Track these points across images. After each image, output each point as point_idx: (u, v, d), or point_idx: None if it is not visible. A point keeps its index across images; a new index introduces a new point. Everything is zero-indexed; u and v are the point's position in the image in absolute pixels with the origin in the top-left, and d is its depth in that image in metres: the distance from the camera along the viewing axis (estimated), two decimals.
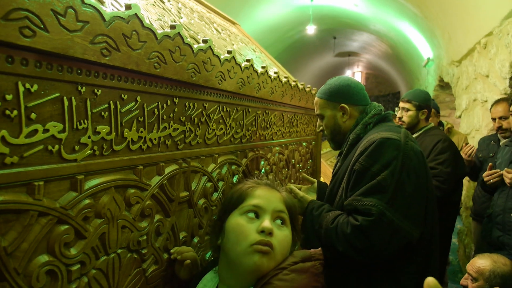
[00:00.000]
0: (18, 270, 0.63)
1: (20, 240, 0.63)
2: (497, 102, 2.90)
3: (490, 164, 2.51)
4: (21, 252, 0.63)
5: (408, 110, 2.75)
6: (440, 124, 3.38)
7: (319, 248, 0.95)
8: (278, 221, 0.93)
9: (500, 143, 2.89)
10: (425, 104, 2.72)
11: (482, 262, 1.82)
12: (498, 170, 2.41)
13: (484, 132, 3.64)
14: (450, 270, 4.03)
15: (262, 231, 0.88)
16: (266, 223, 0.89)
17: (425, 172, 1.37)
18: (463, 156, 2.88)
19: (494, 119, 2.87)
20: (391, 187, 1.25)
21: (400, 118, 2.79)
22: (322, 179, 2.80)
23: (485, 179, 2.47)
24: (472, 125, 4.20)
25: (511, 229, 2.25)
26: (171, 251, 1.05)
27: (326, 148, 4.78)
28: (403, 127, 1.53)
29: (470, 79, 4.19)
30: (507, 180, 2.26)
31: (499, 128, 2.84)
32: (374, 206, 1.23)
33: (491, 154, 2.92)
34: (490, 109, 2.93)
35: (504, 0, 2.95)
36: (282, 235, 0.91)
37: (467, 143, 3.34)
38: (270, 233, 0.87)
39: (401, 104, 2.81)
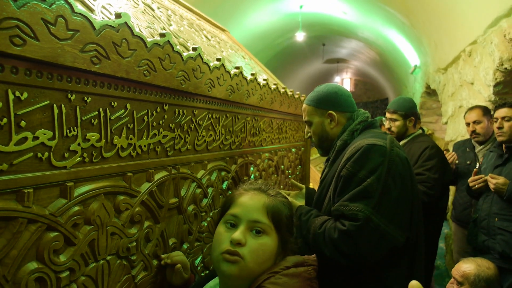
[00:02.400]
0: (7, 277, 0.63)
1: (9, 247, 0.63)
2: (470, 109, 3.05)
3: (475, 169, 2.56)
4: (10, 259, 0.64)
5: (395, 120, 2.80)
6: (421, 130, 3.44)
7: (314, 255, 0.97)
8: (255, 231, 0.91)
9: (476, 150, 2.97)
10: (411, 112, 2.77)
11: (467, 266, 1.85)
12: (483, 175, 2.46)
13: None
14: (438, 274, 4.08)
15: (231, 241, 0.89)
16: (236, 233, 0.89)
17: (410, 178, 1.40)
18: None
19: (468, 124, 2.99)
20: (377, 193, 1.27)
21: (389, 129, 2.84)
22: (311, 185, 2.82)
23: (470, 184, 2.52)
24: (458, 131, 4.27)
25: (495, 233, 2.30)
26: (162, 256, 1.06)
27: (315, 154, 4.81)
28: (389, 134, 1.55)
29: (456, 86, 4.27)
30: (491, 186, 2.30)
31: (473, 132, 2.95)
32: (361, 211, 1.25)
33: (468, 162, 3.01)
34: (464, 115, 3.05)
35: (488, 10, 3.03)
36: (256, 244, 0.89)
37: (447, 150, 3.41)
38: (239, 243, 0.87)
39: (387, 115, 2.86)
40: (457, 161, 3.08)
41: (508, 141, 2.38)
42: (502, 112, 2.42)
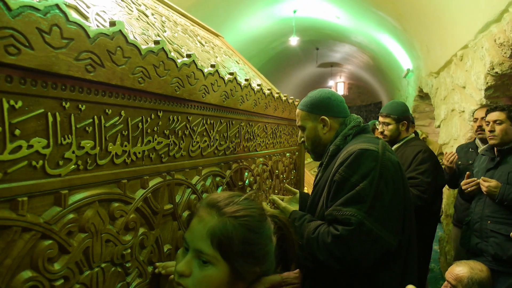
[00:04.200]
0: (1, 286, 0.63)
1: (3, 256, 0.63)
2: (479, 108, 3.06)
3: (468, 173, 2.59)
4: (4, 268, 0.64)
5: (388, 124, 2.82)
6: (415, 134, 3.47)
7: (296, 270, 0.93)
8: (201, 260, 0.84)
9: (478, 150, 2.98)
10: (403, 116, 2.80)
11: (460, 269, 1.87)
12: (476, 178, 2.49)
13: (462, 141, 3.74)
14: (432, 277, 4.10)
15: None
16: (180, 264, 0.84)
17: (402, 182, 1.42)
18: (445, 162, 2.95)
19: (476, 120, 2.98)
20: (369, 197, 1.29)
21: (382, 133, 2.86)
22: (306, 189, 2.83)
23: (463, 187, 2.54)
24: (450, 135, 4.31)
25: (488, 236, 2.32)
26: (156, 264, 1.06)
27: (309, 158, 4.82)
28: (381, 138, 1.57)
29: (448, 90, 4.31)
30: (483, 189, 2.33)
31: (479, 128, 2.93)
32: (354, 216, 1.27)
33: (470, 162, 3.00)
34: (473, 114, 3.07)
35: (478, 15, 3.07)
36: (200, 276, 0.83)
37: (441, 153, 3.42)
38: (182, 275, 0.83)
39: (380, 119, 2.88)
40: (459, 162, 3.09)
41: (499, 145, 2.41)
42: (493, 115, 2.45)
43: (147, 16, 1.45)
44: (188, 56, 1.12)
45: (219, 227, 0.83)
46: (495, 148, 2.45)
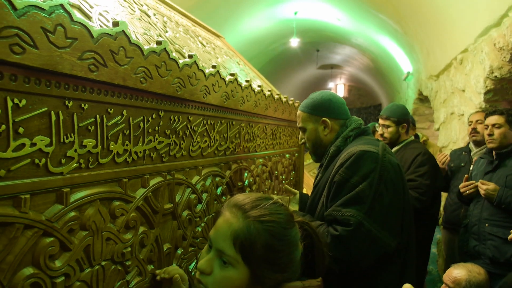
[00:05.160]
0: (3, 282, 0.64)
1: (5, 253, 0.64)
2: (475, 112, 3.06)
3: (466, 175, 2.59)
4: (6, 264, 0.64)
5: (388, 126, 2.83)
6: (416, 136, 3.48)
7: (319, 278, 0.91)
8: (222, 260, 0.83)
9: (471, 154, 2.99)
10: (403, 119, 2.81)
11: (458, 272, 1.88)
12: (474, 181, 2.50)
13: (461, 144, 3.75)
14: (430, 279, 4.10)
15: None
16: (201, 262, 0.84)
17: (402, 184, 1.43)
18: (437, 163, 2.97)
19: (471, 123, 2.99)
20: (369, 198, 1.30)
21: (381, 135, 2.87)
22: (305, 190, 2.84)
23: (461, 190, 2.55)
24: (449, 138, 4.32)
25: (486, 238, 2.33)
26: (157, 272, 1.06)
27: (309, 159, 4.83)
28: (381, 140, 1.57)
29: (448, 93, 4.32)
30: (481, 191, 2.34)
31: (474, 130, 2.95)
32: (353, 217, 1.27)
33: (462, 164, 3.02)
34: (468, 118, 3.06)
35: (478, 19, 3.08)
36: (220, 276, 0.82)
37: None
38: (203, 273, 0.83)
39: (380, 121, 2.89)
40: (452, 165, 3.10)
41: (498, 148, 2.42)
42: (492, 119, 2.46)
43: (149, 16, 1.46)
44: (190, 56, 1.12)
45: (242, 230, 0.82)
46: (494, 152, 2.46)
